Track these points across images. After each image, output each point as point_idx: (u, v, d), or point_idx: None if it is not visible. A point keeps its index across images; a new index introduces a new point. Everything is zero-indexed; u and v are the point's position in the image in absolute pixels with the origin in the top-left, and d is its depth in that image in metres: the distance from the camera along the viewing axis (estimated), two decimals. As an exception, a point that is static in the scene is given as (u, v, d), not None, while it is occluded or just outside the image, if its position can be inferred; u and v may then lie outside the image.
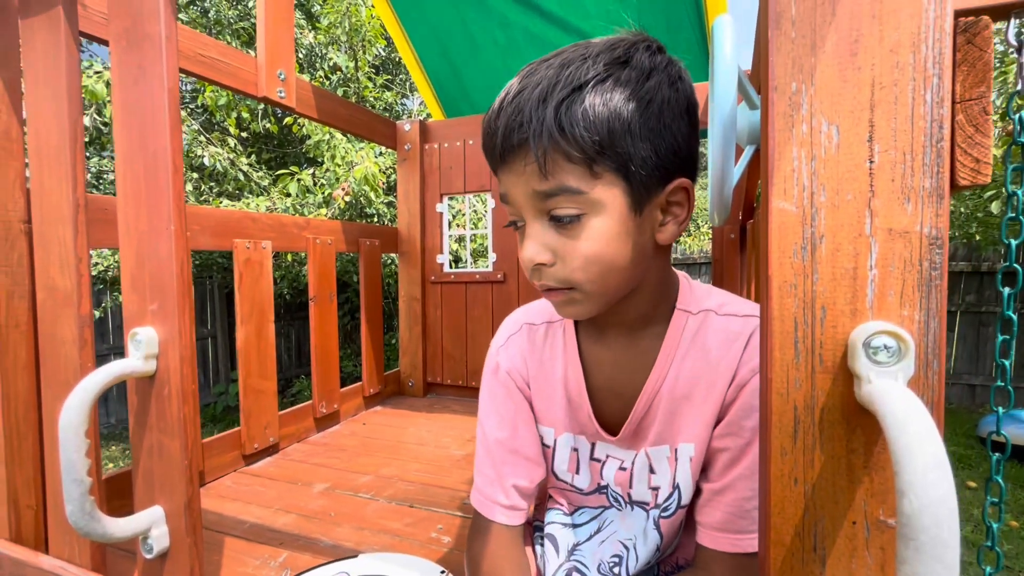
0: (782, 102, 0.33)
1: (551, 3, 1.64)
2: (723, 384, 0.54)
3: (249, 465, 1.31)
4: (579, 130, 0.44)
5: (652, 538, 0.60)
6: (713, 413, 0.55)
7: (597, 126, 0.44)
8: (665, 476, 0.59)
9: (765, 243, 0.34)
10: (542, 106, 0.45)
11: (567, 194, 0.46)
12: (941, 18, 0.31)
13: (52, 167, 0.68)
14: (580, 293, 0.50)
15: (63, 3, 0.66)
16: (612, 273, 0.49)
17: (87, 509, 0.55)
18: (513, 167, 0.48)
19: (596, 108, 0.45)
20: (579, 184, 0.46)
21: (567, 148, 0.45)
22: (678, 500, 0.58)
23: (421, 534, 0.97)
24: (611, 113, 0.45)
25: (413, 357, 1.96)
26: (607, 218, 0.47)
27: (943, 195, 0.31)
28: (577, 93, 0.45)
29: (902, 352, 0.30)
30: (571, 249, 0.47)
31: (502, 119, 0.47)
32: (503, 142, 0.47)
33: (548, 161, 0.45)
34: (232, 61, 1.23)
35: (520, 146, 0.46)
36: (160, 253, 0.60)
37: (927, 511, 0.24)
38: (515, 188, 0.49)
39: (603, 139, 0.45)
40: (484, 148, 0.51)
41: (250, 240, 1.31)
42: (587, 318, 0.54)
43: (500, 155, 0.49)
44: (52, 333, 0.70)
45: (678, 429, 0.57)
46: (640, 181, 0.47)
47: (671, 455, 0.58)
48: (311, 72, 4.26)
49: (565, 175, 0.46)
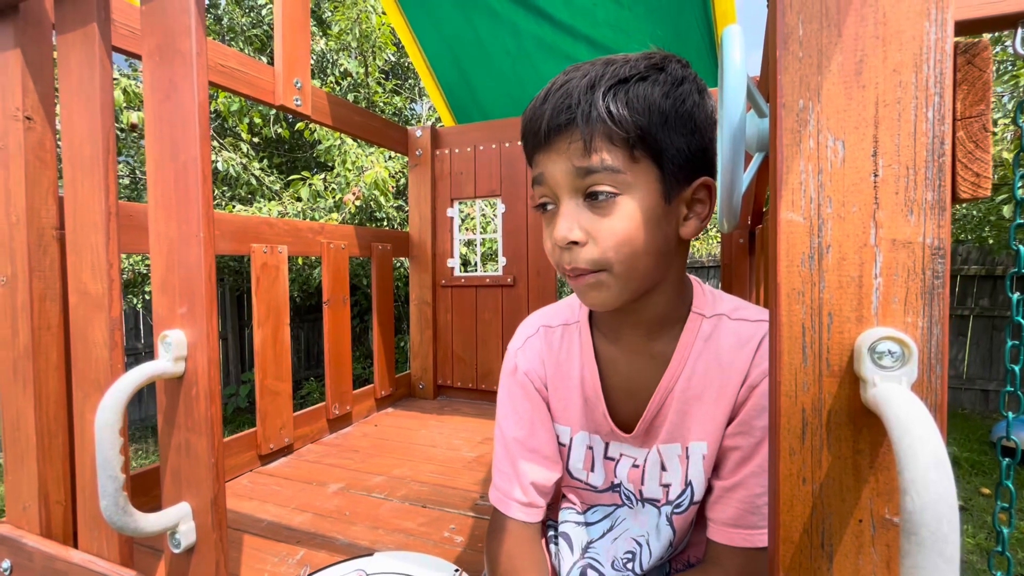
0: (790, 118, 0.35)
1: (561, 11, 1.67)
2: (735, 385, 0.56)
3: (265, 465, 1.34)
4: (624, 114, 0.49)
5: (665, 534, 0.62)
6: (725, 413, 0.57)
7: (639, 113, 0.49)
8: (676, 474, 0.61)
9: (774, 251, 0.36)
10: (590, 91, 0.49)
11: (607, 172, 0.49)
12: (942, 40, 0.32)
13: (86, 176, 0.71)
14: (609, 276, 0.51)
15: (98, 20, 0.69)
16: (641, 257, 0.51)
17: (121, 504, 0.57)
18: (556, 146, 0.51)
19: (639, 98, 0.49)
20: (619, 164, 0.49)
21: (611, 129, 0.49)
22: (691, 496, 0.60)
23: (435, 533, 0.98)
24: (651, 104, 0.49)
25: (424, 360, 1.99)
26: (641, 201, 0.50)
27: (945, 207, 0.32)
28: (622, 85, 0.50)
29: (906, 357, 0.32)
30: (605, 228, 0.50)
31: (549, 103, 0.51)
32: (549, 122, 0.51)
33: (594, 139, 0.49)
34: (250, 70, 1.26)
35: (567, 125, 0.50)
36: (189, 259, 0.63)
37: (928, 507, 0.26)
38: (555, 166, 0.52)
39: (643, 126, 0.49)
40: (525, 134, 0.55)
41: (267, 245, 1.34)
42: (611, 308, 0.55)
43: (545, 135, 0.52)
44: (84, 335, 0.73)
45: (689, 428, 0.59)
46: (672, 172, 0.51)
47: (682, 453, 0.60)
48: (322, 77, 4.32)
49: (607, 154, 0.49)
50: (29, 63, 0.79)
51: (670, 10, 1.53)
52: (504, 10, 1.73)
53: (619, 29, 1.64)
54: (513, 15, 1.73)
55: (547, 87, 0.54)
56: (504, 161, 1.83)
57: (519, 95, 2.01)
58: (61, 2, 0.72)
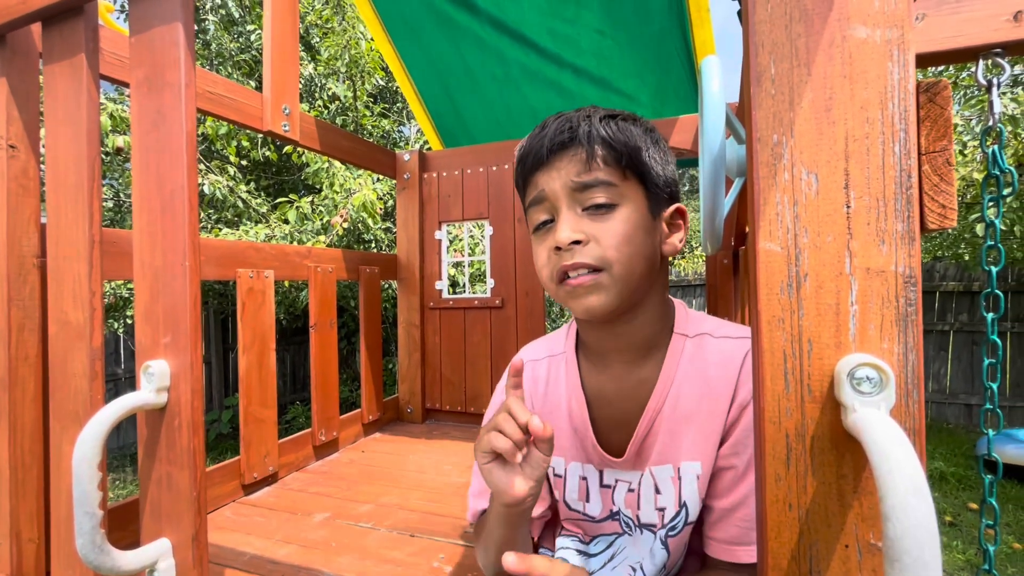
0: (765, 152, 0.36)
1: (546, 40, 1.71)
2: (723, 405, 0.57)
3: (248, 495, 1.30)
4: (616, 138, 0.57)
5: (659, 556, 0.62)
6: (716, 431, 0.58)
7: (628, 139, 0.57)
8: (669, 496, 0.61)
9: (754, 279, 0.37)
10: (588, 119, 0.58)
11: (604, 186, 0.56)
12: (905, 79, 0.34)
13: (70, 204, 0.71)
14: (608, 277, 0.55)
15: (86, 50, 0.69)
16: (637, 260, 0.56)
17: (97, 542, 0.55)
18: (556, 164, 0.58)
19: (627, 129, 0.58)
20: (613, 179, 0.56)
21: (606, 151, 0.56)
22: (685, 517, 0.61)
23: (424, 563, 0.96)
24: (636, 136, 0.58)
25: (412, 383, 1.97)
26: (634, 210, 0.57)
27: (914, 238, 0.34)
28: (612, 118, 0.59)
29: (883, 383, 0.33)
30: (605, 230, 0.55)
31: (549, 129, 0.59)
32: (550, 143, 0.58)
33: (593, 155, 0.56)
34: (238, 97, 1.27)
35: (568, 144, 0.57)
36: (174, 288, 0.62)
37: (909, 534, 0.26)
38: (556, 183, 0.57)
39: (631, 150, 0.57)
40: (524, 158, 0.61)
41: (253, 269, 1.33)
42: (605, 314, 0.56)
43: (548, 153, 0.58)
44: (63, 365, 0.71)
45: (680, 448, 0.60)
46: (654, 191, 0.59)
47: (674, 474, 0.60)
48: (310, 101, 4.35)
49: (602, 172, 0.56)
50: (14, 91, 0.79)
51: (652, 39, 1.58)
52: (490, 38, 1.77)
53: (602, 57, 1.69)
54: (499, 43, 1.77)
55: (542, 124, 0.61)
56: (492, 184, 1.86)
57: (506, 120, 2.05)
58: (49, 32, 0.73)
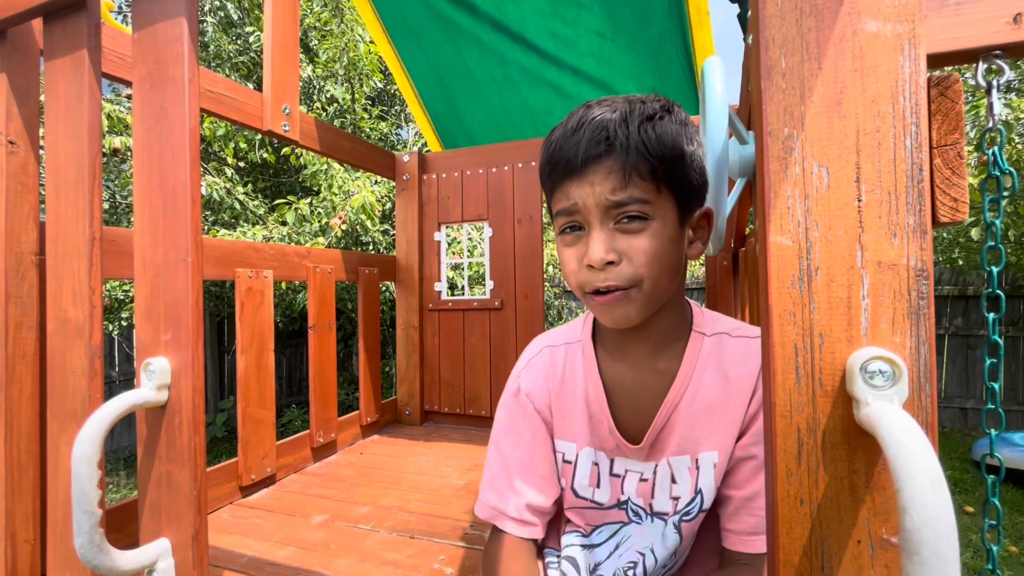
0: (776, 146, 0.36)
1: (546, 42, 1.72)
2: (743, 398, 0.59)
3: (246, 497, 1.29)
4: (655, 150, 0.53)
5: (672, 540, 0.63)
6: (735, 424, 0.59)
7: (665, 149, 0.54)
8: (685, 485, 0.62)
9: (764, 274, 0.37)
10: (624, 125, 0.54)
11: (638, 204, 0.53)
12: (916, 73, 0.34)
13: (69, 201, 0.70)
14: (638, 292, 0.55)
15: (88, 47, 0.69)
16: (666, 273, 0.55)
17: (96, 542, 0.55)
18: (590, 178, 0.54)
19: (666, 134, 0.54)
20: (647, 195, 0.54)
21: (644, 163, 0.53)
22: (700, 504, 0.62)
23: (424, 565, 0.95)
24: (674, 140, 0.54)
25: (410, 385, 1.96)
26: (665, 225, 0.55)
27: (926, 231, 0.34)
28: (649, 121, 0.54)
29: (896, 376, 0.33)
30: (637, 247, 0.54)
31: (584, 133, 0.54)
32: (586, 152, 0.54)
33: (630, 170, 0.53)
34: (239, 96, 1.27)
35: (604, 156, 0.53)
36: (176, 284, 0.62)
37: (928, 525, 0.26)
38: (589, 198, 0.54)
39: (668, 159, 0.54)
40: (555, 162, 0.57)
41: (252, 269, 1.32)
42: (633, 324, 0.57)
43: (582, 163, 0.54)
44: (61, 364, 0.70)
45: (699, 440, 0.61)
46: (685, 201, 0.56)
47: (692, 465, 0.61)
48: (308, 103, 4.35)
49: (638, 188, 0.53)
50: (14, 88, 0.78)
51: (652, 42, 1.59)
52: (491, 40, 1.77)
53: (603, 60, 1.69)
54: (499, 45, 1.78)
55: (574, 119, 0.57)
56: (491, 185, 1.85)
57: (505, 122, 2.05)
58: (51, 29, 0.72)
